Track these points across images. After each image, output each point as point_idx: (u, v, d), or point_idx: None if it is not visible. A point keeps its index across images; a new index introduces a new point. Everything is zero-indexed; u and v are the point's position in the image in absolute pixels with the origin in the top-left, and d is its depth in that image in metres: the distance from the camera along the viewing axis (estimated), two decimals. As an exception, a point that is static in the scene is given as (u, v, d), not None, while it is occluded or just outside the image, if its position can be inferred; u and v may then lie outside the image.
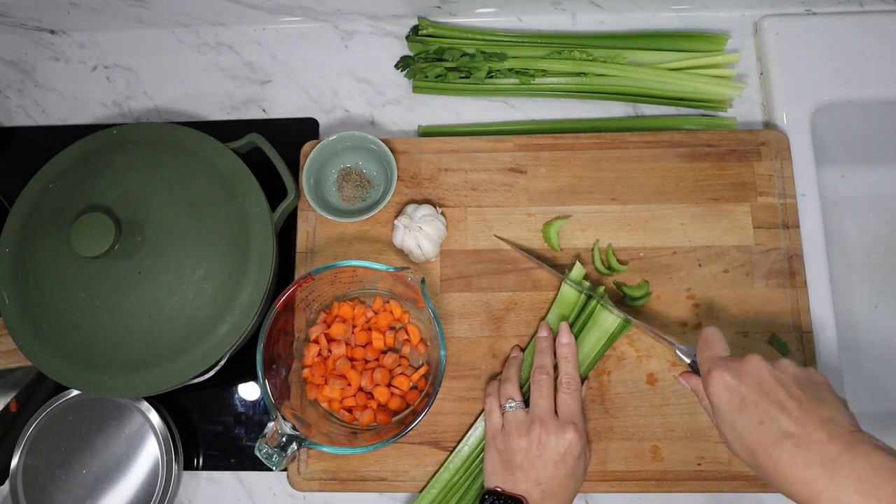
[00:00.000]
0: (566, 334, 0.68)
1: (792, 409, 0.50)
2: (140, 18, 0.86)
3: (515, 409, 0.64)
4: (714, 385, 0.55)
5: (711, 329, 0.60)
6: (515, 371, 0.69)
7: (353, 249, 0.77)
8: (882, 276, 0.92)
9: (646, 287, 0.73)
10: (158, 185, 0.68)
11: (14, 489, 0.71)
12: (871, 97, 0.80)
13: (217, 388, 0.78)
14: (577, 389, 0.65)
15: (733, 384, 0.53)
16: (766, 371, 0.53)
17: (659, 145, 0.77)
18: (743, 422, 0.52)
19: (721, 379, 0.54)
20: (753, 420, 0.51)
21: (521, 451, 0.61)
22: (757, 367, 0.53)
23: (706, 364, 0.57)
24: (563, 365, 0.67)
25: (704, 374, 0.57)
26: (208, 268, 0.66)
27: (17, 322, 0.67)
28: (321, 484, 0.71)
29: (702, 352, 0.59)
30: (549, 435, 0.61)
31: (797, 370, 0.54)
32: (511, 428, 0.63)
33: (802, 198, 0.76)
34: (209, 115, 0.86)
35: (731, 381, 0.53)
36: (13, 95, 0.88)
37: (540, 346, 0.69)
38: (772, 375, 0.53)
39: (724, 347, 0.58)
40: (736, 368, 0.54)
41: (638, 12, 0.85)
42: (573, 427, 0.61)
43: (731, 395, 0.53)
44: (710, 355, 0.58)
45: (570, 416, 0.63)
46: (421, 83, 0.83)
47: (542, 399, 0.64)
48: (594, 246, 0.75)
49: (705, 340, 0.59)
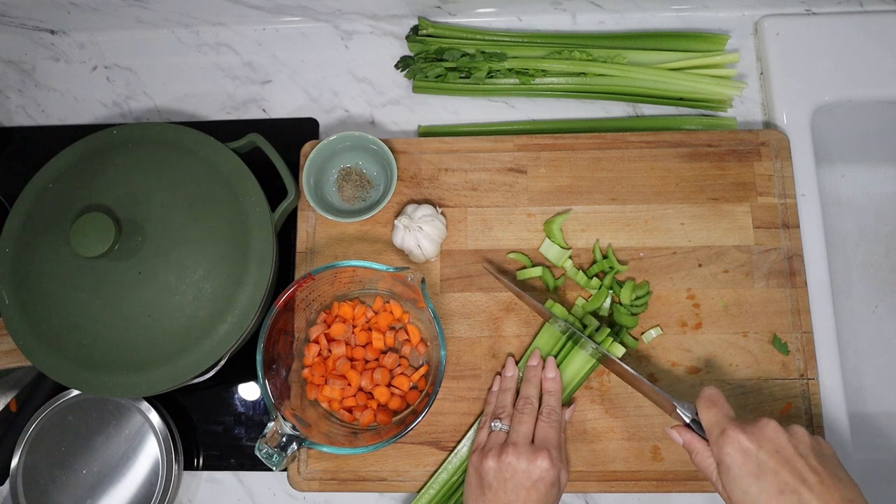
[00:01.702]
0: (552, 369, 0.69)
1: (813, 484, 0.50)
2: (140, 18, 0.86)
3: (499, 430, 0.65)
4: (729, 445, 0.54)
5: (712, 389, 0.60)
6: (511, 394, 0.69)
7: (353, 249, 0.77)
8: (882, 276, 0.92)
9: (646, 287, 0.73)
10: (158, 185, 0.68)
11: (14, 489, 0.71)
12: (871, 97, 0.80)
13: (217, 388, 0.78)
14: (556, 420, 0.65)
15: (751, 448, 0.53)
16: (783, 438, 0.53)
17: (659, 145, 0.77)
18: (759, 488, 0.51)
19: (737, 440, 0.54)
20: (772, 488, 0.51)
21: (492, 471, 0.62)
22: (775, 434, 0.53)
23: (718, 423, 0.56)
24: (546, 397, 0.67)
25: (716, 433, 0.56)
26: (208, 268, 0.66)
27: (17, 322, 0.67)
28: (321, 484, 0.71)
29: (706, 409, 0.58)
30: (520, 460, 0.61)
31: (810, 439, 0.54)
32: (489, 447, 0.64)
33: (802, 198, 0.76)
34: (209, 115, 0.86)
35: (749, 445, 0.53)
36: (13, 95, 0.88)
37: (528, 375, 0.69)
38: (789, 443, 0.53)
39: (730, 408, 0.58)
40: (753, 432, 0.53)
41: (638, 12, 0.85)
42: (547, 454, 0.61)
43: (748, 459, 0.53)
44: (718, 413, 0.57)
45: (545, 444, 0.63)
46: (421, 83, 0.83)
47: (521, 425, 0.64)
48: (594, 245, 0.75)
49: (710, 399, 0.59)
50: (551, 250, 0.74)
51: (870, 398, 0.87)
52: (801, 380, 0.71)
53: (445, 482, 0.69)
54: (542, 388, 0.68)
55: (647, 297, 0.73)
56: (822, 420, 0.70)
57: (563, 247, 0.75)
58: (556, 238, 0.74)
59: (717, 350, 0.72)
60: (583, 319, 0.72)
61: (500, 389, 0.70)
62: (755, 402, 0.71)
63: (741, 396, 0.71)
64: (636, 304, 0.73)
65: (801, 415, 0.70)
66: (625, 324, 0.72)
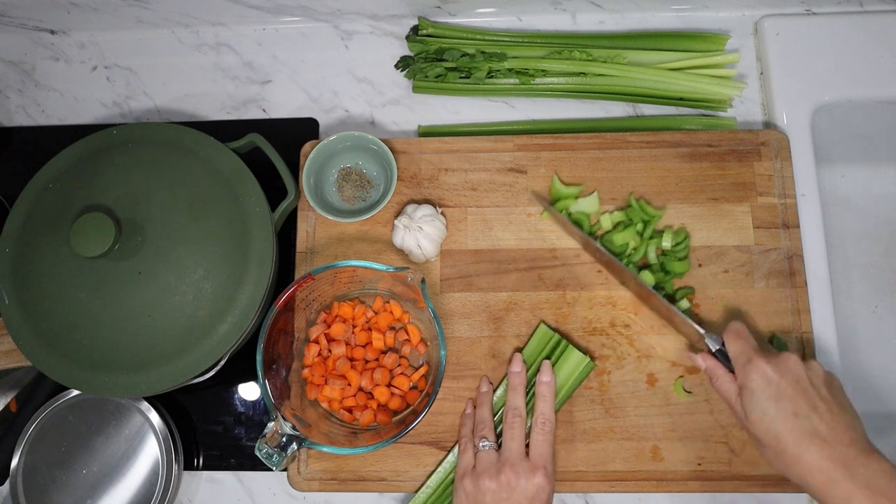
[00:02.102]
0: (547, 373, 0.68)
1: (823, 412, 0.58)
2: (140, 18, 0.86)
3: (489, 449, 0.65)
4: (754, 371, 0.60)
5: (739, 323, 0.65)
6: (489, 409, 0.69)
7: (353, 249, 0.77)
8: (882, 276, 0.92)
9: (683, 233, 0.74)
10: (158, 185, 0.68)
11: (14, 489, 0.71)
12: (871, 97, 0.80)
13: (217, 388, 0.78)
14: (550, 431, 0.65)
15: (773, 377, 0.59)
16: (802, 370, 0.60)
17: (659, 145, 0.77)
18: (776, 409, 0.58)
19: (762, 368, 0.60)
20: (787, 411, 0.58)
21: (489, 492, 0.62)
22: (795, 366, 0.60)
23: (745, 352, 0.62)
24: (540, 403, 0.67)
25: (743, 360, 0.62)
26: (208, 268, 0.66)
27: (17, 322, 0.67)
28: (321, 484, 0.71)
29: (734, 340, 0.64)
30: (518, 479, 0.61)
31: (824, 373, 0.61)
32: (481, 469, 0.63)
33: (802, 198, 0.76)
34: (209, 115, 0.86)
35: (772, 373, 0.60)
36: (13, 95, 0.88)
37: (513, 383, 0.69)
38: (806, 375, 0.60)
39: (754, 340, 0.63)
40: (776, 363, 0.60)
41: (638, 12, 0.85)
42: (543, 472, 0.62)
43: (769, 385, 0.59)
44: (744, 345, 0.63)
45: (541, 460, 0.63)
46: (421, 83, 0.83)
47: (512, 442, 0.64)
48: (629, 197, 0.75)
49: (737, 332, 0.64)
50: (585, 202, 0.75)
51: (870, 398, 0.87)
52: (801, 380, 0.71)
53: (441, 482, 0.69)
54: (536, 393, 0.68)
55: (687, 240, 0.73)
56: (822, 420, 0.70)
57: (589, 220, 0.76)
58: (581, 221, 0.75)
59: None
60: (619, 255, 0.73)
61: (477, 405, 0.70)
62: (755, 402, 0.71)
63: (741, 396, 0.71)
64: (678, 249, 0.73)
65: (801, 415, 0.70)
66: (676, 270, 0.73)
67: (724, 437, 0.70)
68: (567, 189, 0.76)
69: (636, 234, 0.74)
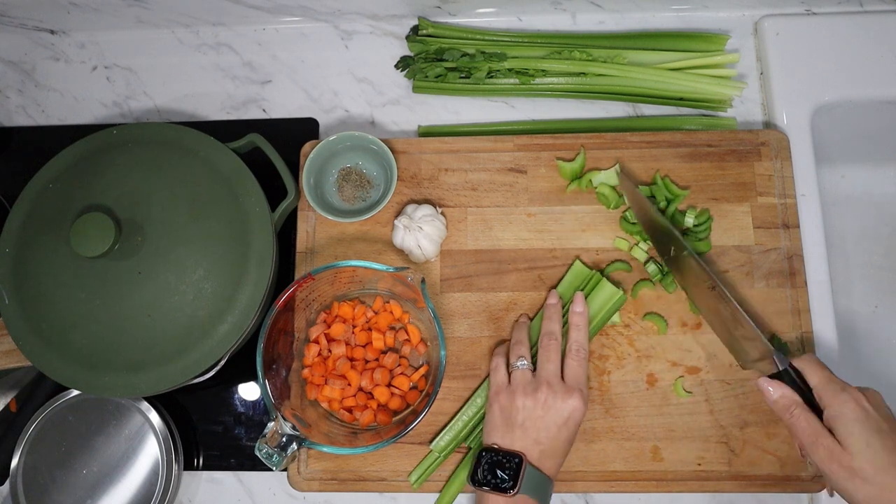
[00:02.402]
0: (580, 303, 0.69)
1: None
2: (140, 18, 0.86)
3: (524, 368, 0.65)
4: (853, 401, 0.58)
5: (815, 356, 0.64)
6: (525, 334, 0.69)
7: (353, 249, 0.77)
8: (882, 276, 0.92)
9: (707, 213, 0.74)
10: (158, 185, 0.68)
11: (14, 489, 0.71)
12: (871, 97, 0.80)
13: (217, 388, 0.78)
14: (584, 358, 0.66)
15: (870, 410, 0.58)
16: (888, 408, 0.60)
17: (659, 145, 0.77)
18: (880, 442, 0.57)
19: (860, 401, 0.58)
20: (889, 446, 0.56)
21: (525, 409, 0.63)
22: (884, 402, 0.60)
23: (835, 382, 0.60)
24: (574, 332, 0.68)
25: (836, 389, 0.60)
26: (208, 268, 0.66)
27: (17, 322, 0.67)
28: (321, 484, 0.71)
29: (818, 369, 0.61)
30: (555, 398, 0.63)
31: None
32: (517, 386, 0.64)
33: (802, 198, 0.76)
34: (209, 115, 0.86)
35: (868, 406, 0.58)
36: (13, 95, 0.88)
37: (548, 314, 0.70)
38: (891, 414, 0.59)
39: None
40: (869, 397, 0.59)
41: (638, 12, 0.85)
42: (579, 394, 0.63)
43: (868, 418, 0.58)
44: (832, 375, 0.61)
45: (576, 383, 0.64)
46: (421, 83, 0.83)
47: (549, 363, 0.65)
48: (655, 175, 0.76)
49: (816, 361, 0.62)
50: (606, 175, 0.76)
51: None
52: (801, 380, 0.71)
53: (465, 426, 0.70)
54: (570, 323, 0.69)
55: (710, 221, 0.74)
56: (822, 420, 0.70)
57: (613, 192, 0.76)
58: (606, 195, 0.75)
59: (718, 350, 0.72)
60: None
61: (517, 326, 0.71)
62: (755, 402, 0.71)
63: (741, 396, 0.71)
64: (700, 229, 0.73)
65: (801, 415, 0.70)
66: (698, 250, 0.73)
67: (724, 437, 0.70)
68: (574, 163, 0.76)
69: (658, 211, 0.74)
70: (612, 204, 0.75)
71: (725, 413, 0.71)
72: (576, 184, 0.76)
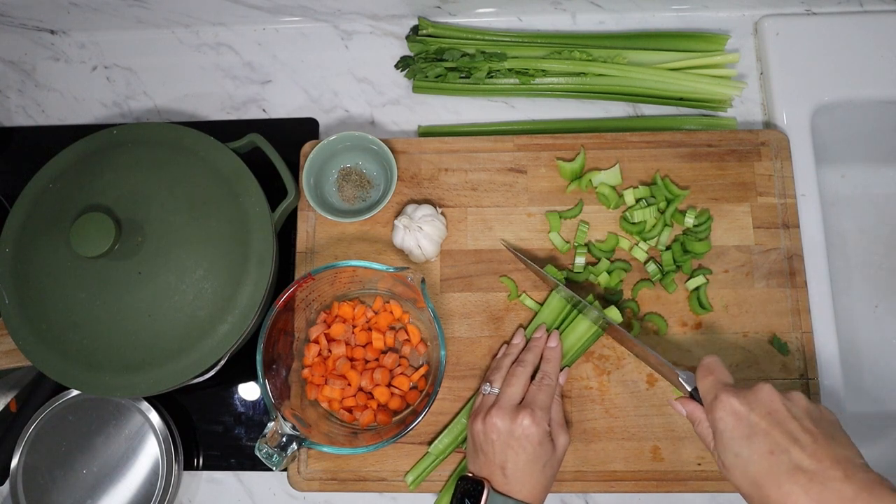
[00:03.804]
0: (554, 339, 0.70)
1: (806, 443, 0.49)
2: (140, 18, 0.86)
3: (489, 394, 0.65)
4: (721, 410, 0.53)
5: (712, 357, 0.59)
6: (508, 360, 0.69)
7: (353, 249, 0.77)
8: (882, 276, 0.92)
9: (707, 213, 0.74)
10: (158, 185, 0.68)
11: (14, 489, 0.71)
12: (871, 97, 0.80)
13: (217, 388, 0.78)
14: (549, 385, 0.65)
15: (742, 411, 0.52)
16: (777, 401, 0.52)
17: (659, 145, 0.77)
18: (750, 450, 0.51)
19: (729, 404, 0.53)
20: (763, 449, 0.50)
21: (484, 434, 0.62)
22: (768, 396, 0.52)
23: (711, 390, 0.56)
24: (544, 364, 0.68)
25: (710, 399, 0.55)
26: (208, 268, 0.66)
27: (17, 322, 0.67)
28: (321, 484, 0.71)
29: (704, 377, 0.58)
30: (504, 420, 0.61)
31: (808, 404, 0.53)
32: (479, 411, 0.64)
33: (802, 198, 0.76)
34: (209, 115, 0.86)
35: (740, 407, 0.52)
36: (13, 95, 0.88)
37: (530, 345, 0.70)
38: (784, 406, 0.52)
39: (728, 375, 0.57)
40: (746, 395, 0.53)
41: (638, 12, 0.85)
42: (528, 413, 0.61)
43: (739, 422, 0.52)
44: (714, 381, 0.56)
45: (529, 404, 0.63)
46: (421, 83, 0.83)
47: (509, 388, 0.64)
48: (655, 175, 0.76)
49: (707, 367, 0.58)
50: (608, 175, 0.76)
51: (870, 398, 0.87)
52: (801, 380, 0.71)
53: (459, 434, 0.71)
54: (543, 355, 0.68)
55: (710, 221, 0.74)
56: (822, 420, 0.70)
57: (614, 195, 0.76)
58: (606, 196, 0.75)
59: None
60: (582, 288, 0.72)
61: (500, 356, 0.71)
62: (755, 402, 0.71)
63: (741, 396, 0.71)
64: (700, 229, 0.73)
65: (801, 415, 0.70)
66: (696, 250, 0.72)
67: (724, 437, 0.70)
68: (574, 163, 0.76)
69: (657, 212, 0.74)
70: (612, 204, 0.75)
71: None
72: (576, 184, 0.76)
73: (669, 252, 0.73)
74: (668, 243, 0.74)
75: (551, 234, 0.75)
